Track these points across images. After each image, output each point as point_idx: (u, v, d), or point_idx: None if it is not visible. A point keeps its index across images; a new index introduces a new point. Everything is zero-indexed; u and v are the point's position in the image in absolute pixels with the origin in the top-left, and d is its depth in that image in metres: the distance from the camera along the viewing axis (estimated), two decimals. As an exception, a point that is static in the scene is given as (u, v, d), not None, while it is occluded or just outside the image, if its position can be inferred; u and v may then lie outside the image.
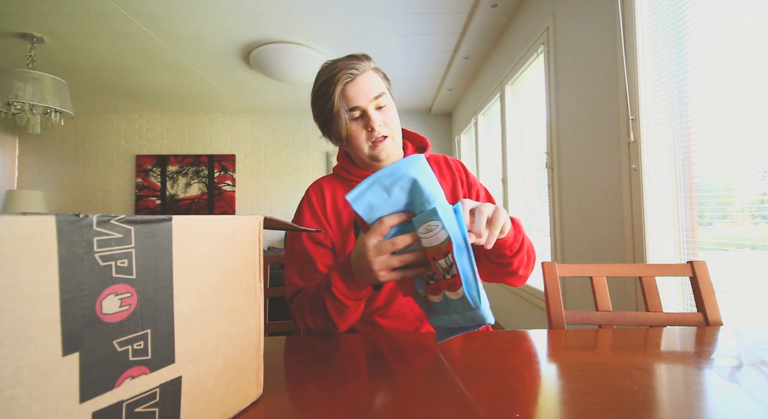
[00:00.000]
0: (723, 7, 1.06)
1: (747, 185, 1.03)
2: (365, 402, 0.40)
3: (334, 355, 0.56)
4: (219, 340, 0.35)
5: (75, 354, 0.25)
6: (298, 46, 2.83)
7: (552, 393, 0.42)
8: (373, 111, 0.77)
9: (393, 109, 0.82)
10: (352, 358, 0.55)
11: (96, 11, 2.36)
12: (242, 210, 4.57)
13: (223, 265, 0.36)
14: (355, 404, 0.40)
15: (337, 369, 0.50)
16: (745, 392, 0.41)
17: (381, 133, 0.78)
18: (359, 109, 0.77)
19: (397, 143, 0.83)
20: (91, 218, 0.26)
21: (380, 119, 0.78)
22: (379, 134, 0.78)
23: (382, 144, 0.79)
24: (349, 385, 0.44)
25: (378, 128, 0.77)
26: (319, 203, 0.84)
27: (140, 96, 3.98)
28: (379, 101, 0.78)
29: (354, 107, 0.76)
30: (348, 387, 0.44)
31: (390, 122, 0.79)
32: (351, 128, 0.78)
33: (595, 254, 1.61)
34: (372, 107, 0.77)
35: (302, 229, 0.47)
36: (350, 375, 0.48)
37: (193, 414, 0.33)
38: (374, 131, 0.78)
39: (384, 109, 0.79)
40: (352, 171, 0.86)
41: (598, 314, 0.76)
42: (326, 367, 0.50)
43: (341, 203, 0.83)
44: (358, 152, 0.81)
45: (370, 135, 0.78)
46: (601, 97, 1.55)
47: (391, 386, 0.44)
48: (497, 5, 2.36)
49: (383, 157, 0.80)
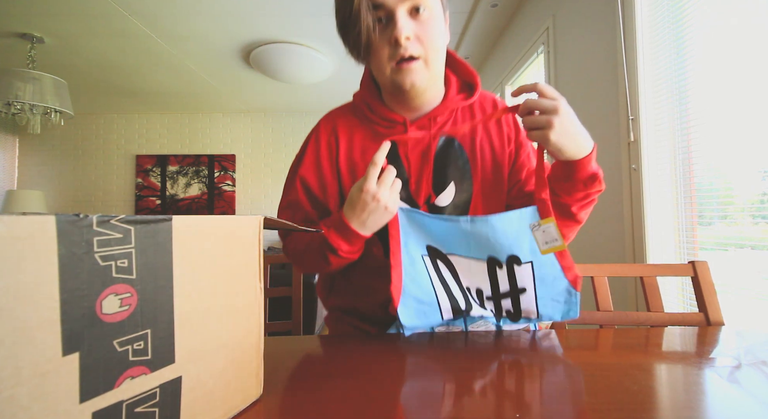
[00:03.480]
0: (723, 7, 1.06)
1: (747, 185, 1.03)
2: (365, 403, 0.40)
3: (334, 355, 0.56)
4: (219, 340, 0.35)
5: (75, 354, 0.25)
6: (298, 46, 2.83)
7: (552, 393, 0.42)
8: (403, 16, 0.56)
9: (437, 22, 0.59)
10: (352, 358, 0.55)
11: (96, 11, 2.36)
12: (242, 210, 4.57)
13: (223, 265, 0.36)
14: (355, 404, 0.40)
15: (337, 369, 0.49)
16: (745, 392, 0.41)
17: (409, 51, 0.57)
18: (385, 8, 0.56)
19: (433, 70, 0.60)
20: (91, 218, 0.26)
21: (411, 29, 0.56)
22: (406, 53, 0.57)
23: (408, 67, 0.58)
24: (349, 385, 0.44)
25: (404, 43, 0.56)
26: (329, 148, 0.67)
27: (140, 96, 3.98)
28: (417, 2, 0.56)
29: (379, 5, 0.55)
30: (348, 387, 0.44)
31: (426, 39, 0.57)
32: (373, 37, 0.57)
33: (595, 254, 1.61)
34: (403, 9, 0.56)
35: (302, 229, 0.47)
36: (350, 375, 0.48)
37: (193, 414, 0.33)
38: (399, 47, 0.56)
39: (422, 18, 0.57)
40: (377, 110, 0.66)
41: (599, 314, 0.76)
42: (326, 367, 0.50)
43: (358, 151, 0.66)
44: (379, 75, 0.61)
45: (395, 52, 0.57)
46: (601, 98, 1.54)
47: (391, 386, 0.44)
48: (497, 5, 2.36)
49: (407, 86, 0.59)
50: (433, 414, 0.37)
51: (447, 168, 0.66)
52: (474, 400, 0.40)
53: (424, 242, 0.59)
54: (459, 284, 0.60)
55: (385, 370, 0.49)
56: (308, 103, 4.32)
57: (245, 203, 4.60)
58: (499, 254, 0.58)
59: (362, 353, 0.56)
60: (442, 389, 0.43)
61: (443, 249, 0.59)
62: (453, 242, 0.58)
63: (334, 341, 0.63)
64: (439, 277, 0.59)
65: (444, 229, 0.58)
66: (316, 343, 0.62)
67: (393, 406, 0.39)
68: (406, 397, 0.41)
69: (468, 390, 0.42)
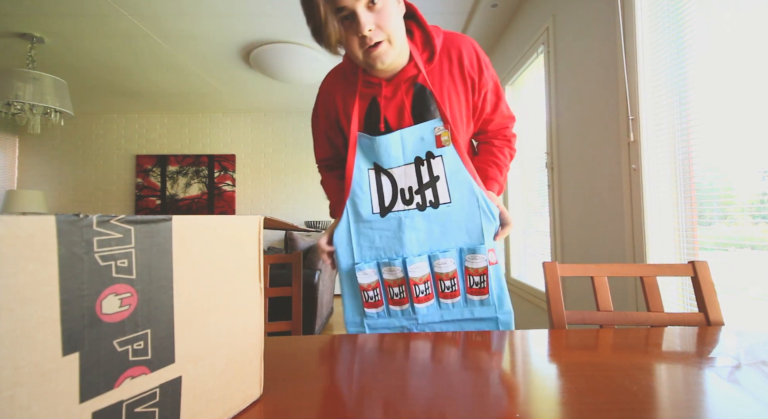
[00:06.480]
0: (723, 7, 1.06)
1: (747, 185, 1.03)
2: (365, 403, 0.40)
3: (334, 355, 0.56)
4: (219, 340, 0.35)
5: (75, 354, 0.25)
6: (298, 46, 2.83)
7: (552, 393, 0.42)
8: (363, 12, 0.68)
9: (391, 7, 0.71)
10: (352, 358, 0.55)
11: (96, 11, 2.36)
12: (242, 210, 4.57)
13: (223, 265, 0.36)
14: (355, 404, 0.40)
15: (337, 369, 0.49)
16: (745, 392, 0.41)
17: (373, 40, 0.70)
18: (346, 8, 0.67)
19: (396, 45, 0.74)
20: (91, 218, 0.26)
21: (371, 21, 0.68)
22: (371, 41, 0.70)
23: (377, 51, 0.71)
24: (349, 385, 0.44)
25: (368, 34, 0.69)
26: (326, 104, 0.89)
27: (140, 96, 3.98)
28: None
29: (341, 7, 0.67)
30: (348, 387, 0.44)
31: (385, 25, 0.70)
32: (342, 33, 0.70)
33: (595, 254, 1.61)
34: (362, 6, 0.67)
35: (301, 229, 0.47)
36: (350, 375, 0.48)
37: (193, 414, 0.33)
38: (365, 38, 0.69)
39: (378, 8, 0.69)
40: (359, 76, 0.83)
41: (599, 314, 0.76)
42: (326, 367, 0.50)
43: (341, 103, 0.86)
44: (354, 59, 0.76)
45: (363, 41, 0.70)
46: (601, 97, 1.54)
47: (391, 386, 0.44)
48: (497, 5, 2.36)
49: (379, 66, 0.74)
50: (433, 414, 0.37)
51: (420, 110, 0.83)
52: (474, 400, 0.40)
53: (372, 160, 0.84)
54: (394, 188, 0.84)
55: (386, 370, 0.49)
56: (308, 103, 4.32)
57: (245, 203, 4.59)
58: (421, 153, 0.82)
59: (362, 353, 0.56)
60: (443, 389, 0.43)
61: (384, 166, 0.84)
62: (392, 157, 0.82)
63: (334, 341, 0.63)
64: (377, 184, 0.84)
65: (386, 145, 0.81)
66: (316, 343, 0.62)
67: (393, 406, 0.39)
68: (407, 397, 0.41)
69: (468, 390, 0.42)
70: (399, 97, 0.82)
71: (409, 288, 0.82)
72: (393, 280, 0.83)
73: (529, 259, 2.49)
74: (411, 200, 0.83)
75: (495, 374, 0.47)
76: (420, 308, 0.82)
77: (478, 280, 0.81)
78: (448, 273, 0.81)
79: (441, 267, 0.81)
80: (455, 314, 0.82)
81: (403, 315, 0.83)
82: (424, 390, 0.42)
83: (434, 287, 0.82)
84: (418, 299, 0.81)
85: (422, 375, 0.47)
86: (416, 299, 0.81)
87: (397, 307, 0.84)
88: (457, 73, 0.82)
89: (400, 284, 0.82)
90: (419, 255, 0.82)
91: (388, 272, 0.83)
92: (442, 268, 0.81)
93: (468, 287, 0.82)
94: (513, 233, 2.68)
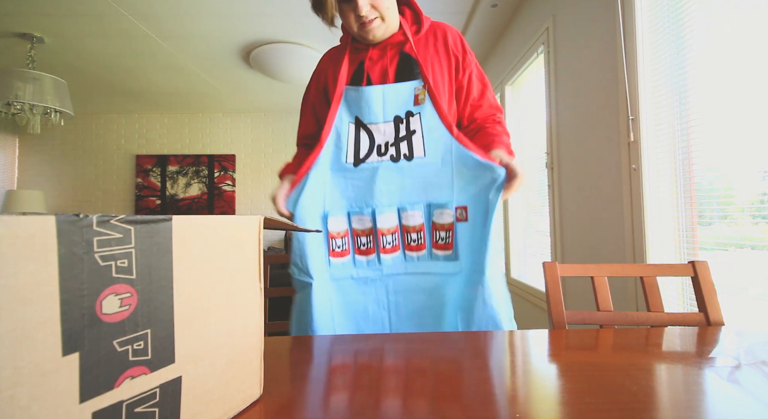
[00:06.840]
0: (723, 6, 1.06)
1: (747, 185, 1.03)
2: (365, 403, 0.40)
3: (334, 355, 0.56)
4: (219, 340, 0.35)
5: (75, 354, 0.25)
6: (298, 46, 2.82)
7: (552, 393, 0.42)
8: None
9: None
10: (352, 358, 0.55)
11: (96, 11, 2.36)
12: (242, 210, 4.57)
13: (223, 265, 0.36)
14: (355, 404, 0.40)
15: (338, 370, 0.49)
16: (744, 392, 0.41)
17: (369, 17, 0.80)
18: None
19: (389, 22, 0.84)
20: (91, 218, 0.26)
21: (367, 2, 0.79)
22: (367, 19, 0.80)
23: (370, 26, 0.81)
24: (349, 385, 0.44)
25: (365, 13, 0.79)
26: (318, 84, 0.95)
27: (140, 96, 3.98)
28: None
29: None
30: (348, 387, 0.44)
31: (378, 3, 0.80)
32: (339, 9, 0.81)
33: (595, 254, 1.61)
34: None
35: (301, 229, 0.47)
36: (350, 375, 0.48)
37: (193, 414, 0.33)
38: (361, 16, 0.79)
39: None
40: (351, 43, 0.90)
41: (599, 314, 0.76)
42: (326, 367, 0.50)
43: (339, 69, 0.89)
44: (350, 31, 0.86)
45: (358, 17, 0.80)
46: (601, 97, 1.54)
47: (391, 386, 0.44)
48: (497, 5, 2.36)
49: (371, 38, 0.84)
50: (434, 414, 0.37)
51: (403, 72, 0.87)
52: (474, 400, 0.40)
53: (354, 114, 0.87)
54: (372, 143, 0.85)
55: (386, 370, 0.49)
56: (308, 104, 4.31)
57: (245, 203, 4.59)
58: (401, 112, 0.85)
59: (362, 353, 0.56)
60: (443, 388, 0.43)
61: (364, 121, 0.86)
62: (373, 113, 0.85)
63: (334, 341, 0.63)
64: (356, 137, 0.86)
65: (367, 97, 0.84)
66: (316, 343, 0.62)
67: (393, 406, 0.39)
68: (406, 397, 0.41)
69: (468, 390, 0.42)
70: (385, 59, 0.88)
71: (376, 239, 0.84)
72: (361, 230, 0.85)
73: (529, 259, 2.49)
74: (386, 152, 0.85)
75: (495, 374, 0.47)
76: (385, 259, 0.84)
77: (443, 235, 0.83)
78: (415, 226, 0.84)
79: (409, 220, 0.84)
80: (420, 267, 0.85)
81: (368, 266, 0.85)
82: (424, 390, 0.42)
83: (401, 239, 0.85)
84: (385, 250, 0.84)
85: (422, 375, 0.47)
86: (383, 249, 0.84)
87: (363, 257, 0.86)
88: (442, 49, 0.89)
89: (368, 235, 0.85)
90: (389, 206, 0.84)
91: (358, 220, 0.85)
92: (410, 221, 0.84)
93: (434, 241, 0.84)
94: (513, 233, 2.68)
